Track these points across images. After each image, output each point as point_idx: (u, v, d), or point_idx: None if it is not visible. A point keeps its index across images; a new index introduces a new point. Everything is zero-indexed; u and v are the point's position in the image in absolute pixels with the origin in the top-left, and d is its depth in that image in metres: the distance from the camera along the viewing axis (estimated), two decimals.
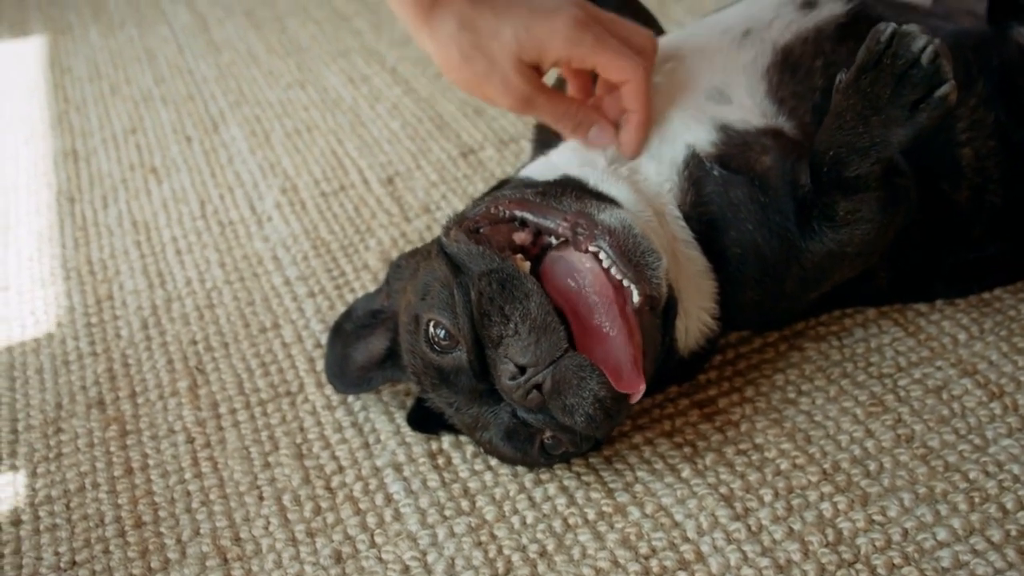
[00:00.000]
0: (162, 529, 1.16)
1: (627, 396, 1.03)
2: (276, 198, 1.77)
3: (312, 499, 1.17)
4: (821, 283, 1.21)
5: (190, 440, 1.28)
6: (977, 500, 1.06)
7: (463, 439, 1.21)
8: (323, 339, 1.40)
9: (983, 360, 1.24)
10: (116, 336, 1.47)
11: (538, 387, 1.01)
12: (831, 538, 1.04)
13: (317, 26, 2.48)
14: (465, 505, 1.14)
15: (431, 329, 1.08)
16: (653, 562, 1.04)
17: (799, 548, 1.04)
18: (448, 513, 1.13)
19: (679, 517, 1.09)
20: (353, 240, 1.63)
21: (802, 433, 1.17)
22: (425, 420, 1.21)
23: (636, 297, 1.03)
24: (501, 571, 1.06)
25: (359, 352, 1.26)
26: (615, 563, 1.05)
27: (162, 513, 1.18)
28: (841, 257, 1.16)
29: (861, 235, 1.13)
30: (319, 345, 1.40)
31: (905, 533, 1.04)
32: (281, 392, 1.34)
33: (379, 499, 1.16)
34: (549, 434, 1.08)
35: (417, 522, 1.12)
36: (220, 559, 1.12)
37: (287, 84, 2.19)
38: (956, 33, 1.17)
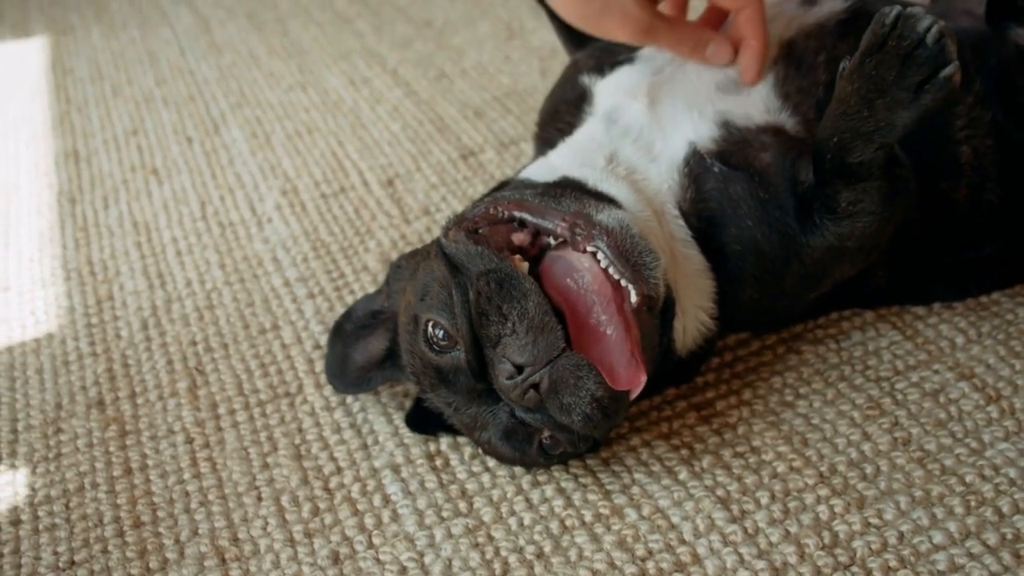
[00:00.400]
0: (161, 529, 1.16)
1: (625, 395, 1.03)
2: (276, 199, 1.77)
3: (310, 500, 1.17)
4: (820, 280, 1.22)
5: (189, 440, 1.28)
6: (973, 504, 1.06)
7: (461, 441, 1.22)
8: (322, 340, 1.41)
9: (981, 364, 1.24)
10: (116, 337, 1.48)
11: (535, 386, 1.01)
12: (827, 541, 1.04)
13: (319, 28, 2.48)
14: (463, 506, 1.14)
15: (430, 329, 1.09)
16: (650, 564, 1.05)
17: (795, 551, 1.04)
18: (446, 514, 1.13)
19: (676, 519, 1.09)
20: (353, 242, 1.63)
21: (799, 436, 1.17)
22: (424, 421, 1.22)
23: (634, 297, 1.03)
24: (498, 573, 1.06)
25: (359, 352, 1.27)
26: (612, 565, 1.05)
27: (161, 513, 1.18)
28: (841, 252, 1.16)
29: (862, 227, 1.14)
30: (318, 346, 1.41)
31: (901, 536, 1.04)
32: (280, 393, 1.34)
33: (377, 500, 1.16)
34: (547, 434, 1.09)
35: (415, 523, 1.13)
36: (218, 559, 1.12)
37: (288, 86, 2.20)
38: (955, 32, 1.17)
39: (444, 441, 1.22)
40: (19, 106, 2.23)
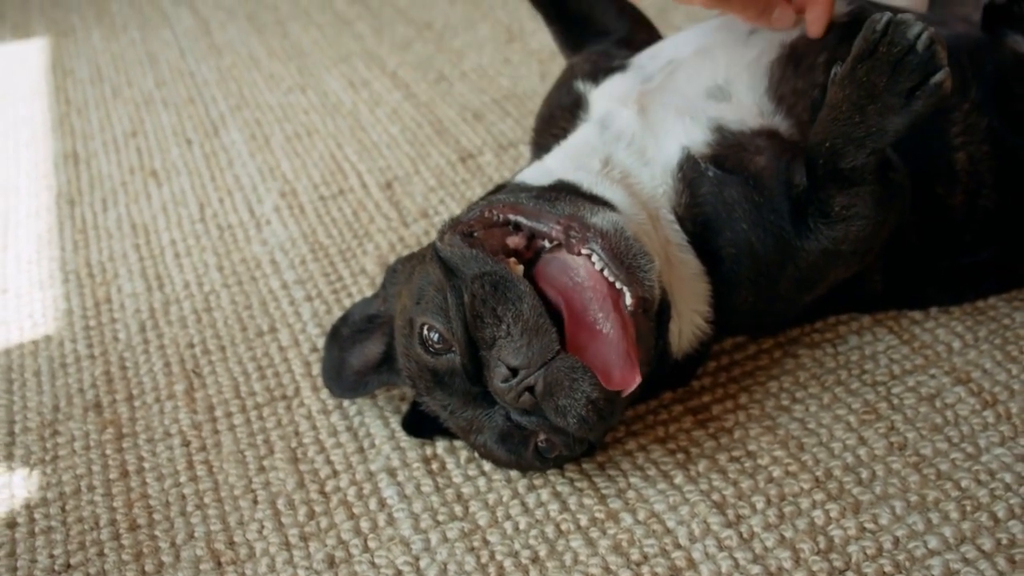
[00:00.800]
0: (157, 532, 1.16)
1: (619, 395, 1.03)
2: (275, 202, 1.77)
3: (306, 503, 1.17)
4: (815, 283, 1.22)
5: (186, 443, 1.28)
6: (969, 509, 1.06)
7: (458, 444, 1.22)
8: (320, 343, 1.41)
9: (977, 368, 1.24)
10: (114, 339, 1.48)
11: (530, 389, 1.01)
12: (822, 546, 1.04)
13: (319, 30, 2.48)
14: (458, 510, 1.14)
15: (425, 332, 1.09)
16: (644, 568, 1.05)
17: (790, 555, 1.04)
18: (441, 518, 1.13)
19: (671, 524, 1.09)
20: (351, 244, 1.63)
21: (795, 440, 1.17)
22: (420, 425, 1.22)
23: (629, 299, 1.03)
24: None
25: (355, 356, 1.27)
26: (606, 569, 1.05)
27: (157, 516, 1.18)
28: (836, 255, 1.16)
29: (856, 231, 1.14)
30: (315, 349, 1.41)
31: (896, 541, 1.04)
32: (277, 396, 1.34)
33: (373, 504, 1.16)
34: (543, 437, 1.09)
35: (410, 527, 1.13)
36: (214, 563, 1.12)
37: (288, 88, 2.20)
38: (951, 39, 1.17)
39: (440, 445, 1.22)
40: (19, 107, 2.23)
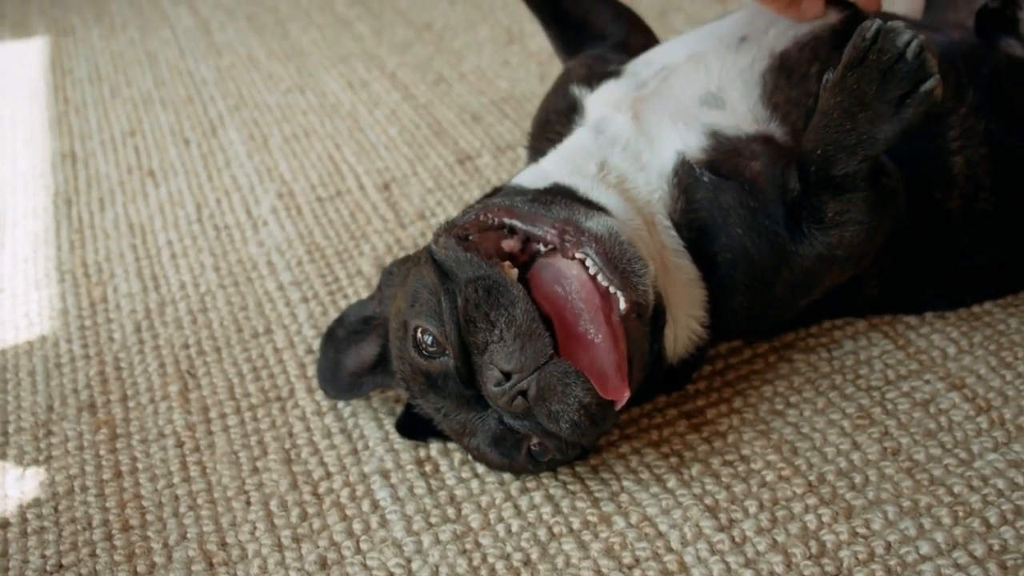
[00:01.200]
0: (149, 533, 1.16)
1: (612, 403, 1.03)
2: (272, 203, 1.77)
3: (299, 505, 1.17)
4: (811, 289, 1.22)
5: (180, 444, 1.28)
6: (961, 514, 1.06)
7: (451, 447, 1.22)
8: (315, 345, 1.41)
9: (971, 374, 1.24)
10: (109, 339, 1.48)
11: (523, 393, 1.02)
12: (814, 550, 1.04)
13: (319, 31, 2.48)
14: (451, 512, 1.14)
15: (419, 335, 1.09)
16: (636, 572, 1.04)
17: (782, 560, 1.04)
18: (434, 520, 1.13)
19: (663, 527, 1.09)
20: (348, 246, 1.63)
21: (789, 445, 1.17)
22: (414, 427, 1.22)
23: (623, 304, 1.03)
24: None
25: (350, 358, 1.27)
26: (598, 573, 1.05)
27: (150, 517, 1.18)
28: (831, 261, 1.16)
29: (850, 237, 1.14)
30: (311, 351, 1.41)
31: (888, 546, 1.04)
32: (271, 397, 1.34)
33: (366, 505, 1.16)
34: (536, 440, 1.09)
35: (403, 529, 1.13)
36: (206, 563, 1.12)
37: (286, 88, 2.20)
38: (946, 44, 1.17)
39: (434, 447, 1.22)
40: (17, 107, 2.23)
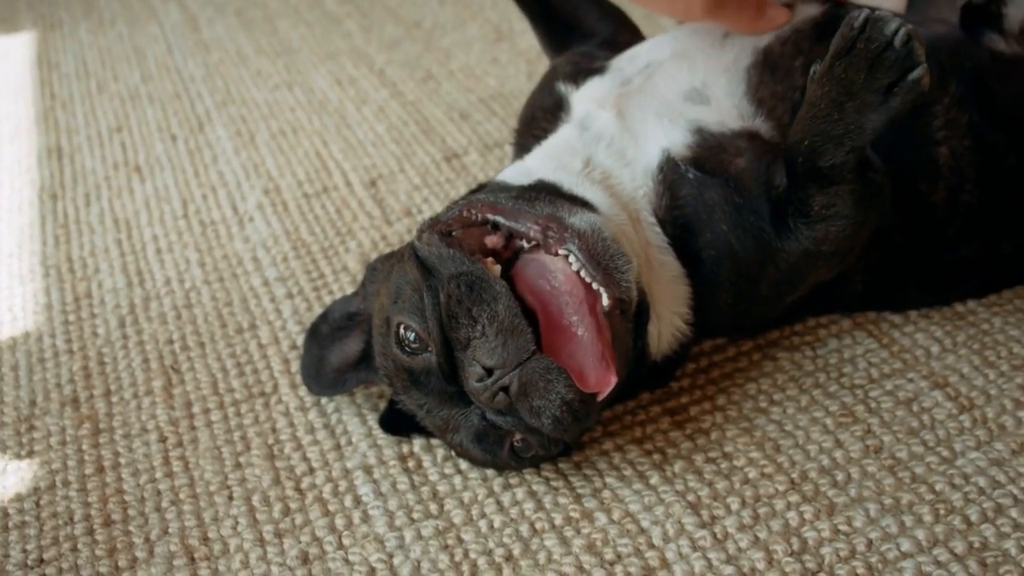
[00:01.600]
0: (131, 528, 1.16)
1: (595, 397, 1.03)
2: (259, 199, 1.77)
3: (281, 500, 1.17)
4: (796, 285, 1.22)
5: (162, 439, 1.28)
6: (942, 512, 1.06)
7: (434, 442, 1.22)
8: (299, 340, 1.40)
9: (954, 373, 1.24)
10: (93, 334, 1.47)
11: (505, 389, 1.01)
12: (796, 547, 1.04)
13: (308, 28, 2.48)
14: (433, 508, 1.14)
15: (401, 331, 1.09)
16: (618, 568, 1.04)
17: (764, 557, 1.04)
18: (416, 516, 1.13)
19: (645, 524, 1.09)
20: (333, 242, 1.63)
21: (772, 442, 1.17)
22: (397, 423, 1.22)
23: (606, 300, 1.03)
24: (467, 575, 1.06)
25: (334, 354, 1.27)
26: (580, 568, 1.05)
27: (131, 512, 1.18)
28: (816, 256, 1.16)
29: (836, 232, 1.14)
30: (295, 346, 1.40)
31: (869, 543, 1.04)
32: (255, 393, 1.34)
33: (348, 501, 1.16)
34: (518, 437, 1.09)
35: (385, 524, 1.13)
36: (187, 558, 1.11)
37: (274, 85, 2.19)
38: (930, 38, 1.17)
39: (417, 443, 1.22)
40: (3, 101, 2.22)
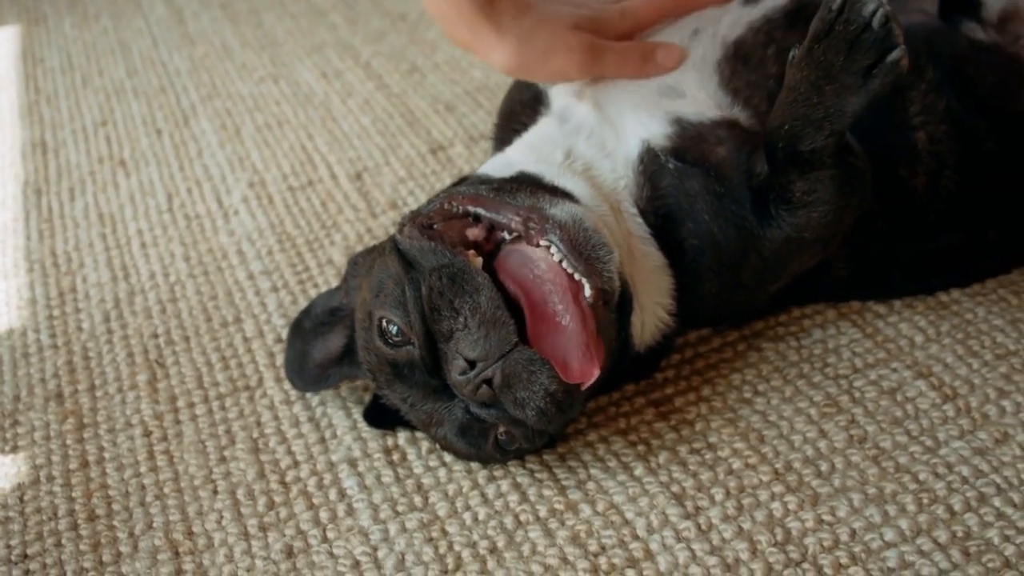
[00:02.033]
0: (115, 523, 1.16)
1: (578, 388, 1.03)
2: (244, 192, 1.76)
3: (266, 493, 1.17)
4: (779, 273, 1.22)
5: (147, 434, 1.27)
6: (926, 501, 1.07)
7: (419, 435, 1.21)
8: (284, 334, 1.40)
9: (938, 363, 1.24)
10: (77, 329, 1.47)
11: (488, 381, 1.01)
12: (780, 537, 1.05)
13: (293, 20, 2.47)
14: (418, 501, 1.14)
15: (383, 325, 1.08)
16: (602, 559, 1.05)
17: (747, 547, 1.04)
18: (400, 509, 1.13)
19: (630, 515, 1.09)
20: (319, 235, 1.63)
21: (756, 433, 1.17)
22: (381, 416, 1.21)
23: (588, 291, 1.03)
24: (451, 567, 1.06)
25: (317, 350, 1.26)
26: (564, 560, 1.05)
27: (116, 506, 1.18)
28: (799, 243, 1.16)
29: (818, 218, 1.14)
30: (280, 340, 1.40)
31: (853, 533, 1.04)
32: (240, 386, 1.33)
33: (333, 494, 1.16)
34: (502, 429, 1.09)
35: (369, 517, 1.12)
36: (172, 552, 1.11)
37: (260, 78, 2.19)
38: (906, 25, 1.17)
39: (402, 436, 1.22)
40: None
